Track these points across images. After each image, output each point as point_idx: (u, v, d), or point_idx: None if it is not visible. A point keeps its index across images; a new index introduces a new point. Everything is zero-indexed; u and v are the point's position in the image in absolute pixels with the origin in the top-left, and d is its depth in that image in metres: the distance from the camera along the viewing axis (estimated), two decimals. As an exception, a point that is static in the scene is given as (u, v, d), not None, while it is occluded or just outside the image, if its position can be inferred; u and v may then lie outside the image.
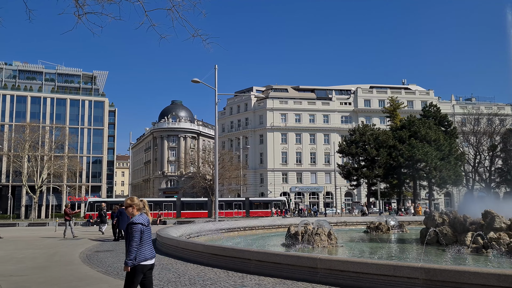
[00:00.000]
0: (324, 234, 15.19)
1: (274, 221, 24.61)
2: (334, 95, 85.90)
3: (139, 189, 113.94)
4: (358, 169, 56.74)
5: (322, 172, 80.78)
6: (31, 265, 11.72)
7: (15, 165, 64.96)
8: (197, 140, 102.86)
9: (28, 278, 9.56)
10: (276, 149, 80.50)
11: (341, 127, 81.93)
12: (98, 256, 13.21)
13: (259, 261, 9.32)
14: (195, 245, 11.86)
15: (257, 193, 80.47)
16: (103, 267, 10.81)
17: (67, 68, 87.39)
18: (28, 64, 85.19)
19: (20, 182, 67.10)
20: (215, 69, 27.72)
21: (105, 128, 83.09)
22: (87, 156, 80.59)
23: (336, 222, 24.94)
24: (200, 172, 71.17)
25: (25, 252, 15.01)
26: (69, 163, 68.38)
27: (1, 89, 78.42)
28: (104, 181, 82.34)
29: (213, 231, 18.37)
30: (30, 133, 64.37)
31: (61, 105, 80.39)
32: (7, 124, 74.21)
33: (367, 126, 58.85)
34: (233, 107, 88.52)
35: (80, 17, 6.82)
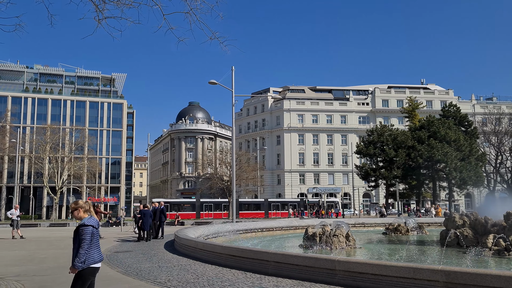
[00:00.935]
0: (342, 235, 15.10)
1: (292, 222, 24.55)
2: (351, 96, 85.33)
3: (157, 190, 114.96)
4: (376, 170, 56.20)
5: (340, 173, 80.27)
6: (52, 265, 11.93)
7: (36, 166, 66.20)
8: (214, 141, 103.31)
9: (50, 278, 9.74)
10: (293, 150, 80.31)
11: (358, 127, 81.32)
12: (118, 257, 13.37)
13: (277, 263, 9.31)
14: (213, 246, 11.92)
15: (274, 194, 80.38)
16: (122, 268, 10.93)
17: (87, 70, 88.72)
18: (49, 67, 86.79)
19: (42, 183, 68.35)
20: (232, 71, 27.83)
21: (123, 129, 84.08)
22: (106, 158, 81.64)
23: (354, 224, 24.77)
24: (217, 173, 71.46)
25: (47, 252, 15.29)
26: (89, 165, 69.40)
27: (23, 92, 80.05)
28: (123, 182, 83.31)
29: (231, 232, 18.42)
30: (51, 135, 65.51)
31: (80, 107, 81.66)
32: (28, 126, 75.70)
33: (385, 127, 58.26)
34: (250, 108, 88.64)
35: (100, 21, 6.94)
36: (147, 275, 9.62)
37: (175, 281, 8.78)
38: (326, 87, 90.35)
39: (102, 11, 6.87)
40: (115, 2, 6.87)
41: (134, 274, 9.91)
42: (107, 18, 6.97)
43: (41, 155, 65.07)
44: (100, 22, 6.96)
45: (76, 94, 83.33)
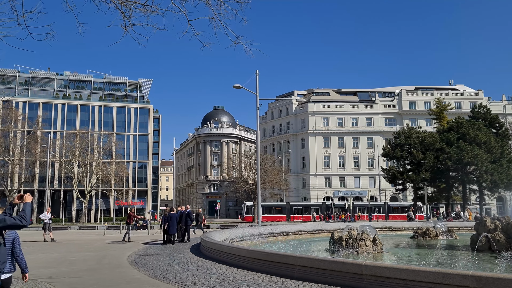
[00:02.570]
0: (369, 239, 14.90)
1: (317, 226, 24.38)
2: (377, 98, 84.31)
3: (183, 193, 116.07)
4: (404, 173, 55.30)
5: (366, 176, 79.31)
6: (82, 267, 12.20)
7: (66, 170, 67.85)
8: (239, 144, 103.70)
9: (80, 280, 9.96)
10: (319, 153, 79.82)
11: (385, 130, 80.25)
12: (145, 260, 13.56)
13: (303, 267, 9.27)
14: (238, 250, 11.95)
15: (299, 197, 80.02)
16: (150, 270, 11.09)
17: (114, 76, 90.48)
18: (78, 74, 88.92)
19: (71, 187, 69.98)
20: (256, 75, 27.89)
21: (150, 134, 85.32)
22: (133, 162, 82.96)
23: (381, 227, 24.41)
24: (242, 176, 71.64)
25: (77, 255, 15.64)
26: (116, 169, 70.64)
27: (53, 98, 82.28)
28: (149, 186, 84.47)
29: (256, 236, 18.43)
30: (80, 140, 67.02)
31: (108, 112, 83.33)
32: (59, 132, 77.69)
33: (413, 129, 57.32)
34: (275, 111, 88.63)
35: (126, 28, 7.08)
36: (174, 278, 9.73)
37: (201, 285, 8.84)
38: (351, 89, 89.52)
39: (128, 19, 7.01)
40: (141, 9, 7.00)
41: (161, 277, 10.03)
42: (133, 25, 7.10)
43: (71, 159, 66.66)
44: (127, 29, 7.10)
45: (104, 100, 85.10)
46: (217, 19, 7.06)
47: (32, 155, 67.78)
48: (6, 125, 64.72)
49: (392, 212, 65.22)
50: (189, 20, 7.08)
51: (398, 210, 66.32)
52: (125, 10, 6.96)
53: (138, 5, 6.99)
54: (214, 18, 7.06)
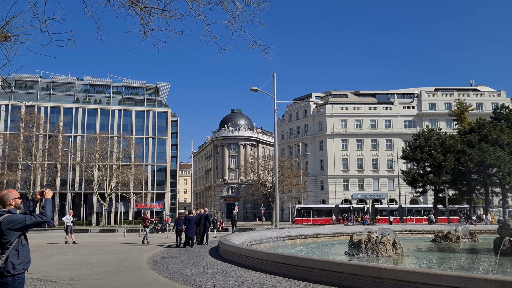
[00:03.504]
0: (389, 243, 14.72)
1: (336, 229, 24.22)
2: (396, 99, 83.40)
3: (201, 196, 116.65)
4: (424, 175, 54.48)
5: (385, 179, 78.45)
6: (103, 269, 12.35)
7: (86, 174, 68.92)
8: (257, 147, 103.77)
9: (101, 282, 10.09)
10: (337, 155, 79.31)
11: (404, 131, 79.30)
12: (164, 262, 13.65)
13: (321, 270, 9.21)
14: (256, 253, 11.94)
15: (317, 200, 79.60)
16: (169, 273, 11.16)
17: (133, 81, 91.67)
18: (98, 79, 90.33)
19: (91, 190, 71.00)
20: (274, 77, 27.90)
21: (168, 137, 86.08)
22: (151, 165, 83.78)
23: (401, 231, 24.11)
24: (260, 179, 71.63)
25: (98, 257, 15.84)
26: (135, 172, 71.44)
27: (74, 102, 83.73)
28: (168, 189, 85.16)
29: (274, 239, 18.39)
30: (100, 144, 67.99)
31: (127, 116, 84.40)
32: (79, 136, 78.99)
33: (433, 130, 56.47)
34: (292, 114, 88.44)
35: (145, 33, 7.16)
36: (193, 281, 9.77)
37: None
38: (369, 91, 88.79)
39: (147, 24, 7.10)
40: (159, 14, 7.08)
41: (180, 279, 10.09)
42: (152, 30, 7.19)
43: (91, 163, 67.69)
44: (145, 34, 7.19)
45: (123, 104, 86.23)
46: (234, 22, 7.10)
47: (54, 158, 69.08)
48: (28, 129, 66.14)
49: (413, 215, 64.44)
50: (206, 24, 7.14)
51: (419, 213, 65.46)
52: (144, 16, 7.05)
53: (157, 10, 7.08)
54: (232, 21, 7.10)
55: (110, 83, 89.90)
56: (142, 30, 7.16)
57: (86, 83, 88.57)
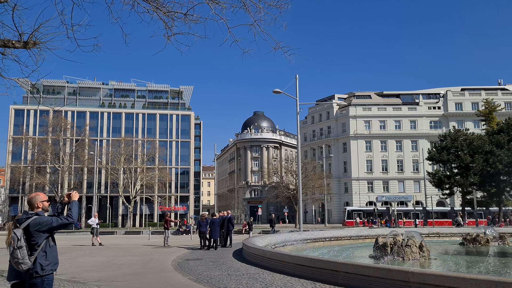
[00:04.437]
0: (415, 246, 14.45)
1: (361, 231, 23.93)
2: (421, 100, 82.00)
3: (224, 199, 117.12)
4: (451, 177, 53.38)
5: (411, 181, 77.17)
6: (129, 271, 12.51)
7: (112, 177, 70.10)
8: (280, 149, 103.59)
9: (127, 284, 10.22)
10: (361, 157, 78.46)
11: (430, 132, 77.88)
12: (189, 264, 13.74)
13: (347, 273, 9.11)
14: (281, 255, 11.90)
15: (341, 202, 78.88)
16: (193, 275, 11.22)
17: (156, 84, 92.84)
18: (122, 83, 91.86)
19: (117, 193, 72.16)
20: (296, 79, 27.84)
21: (191, 140, 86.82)
22: (175, 168, 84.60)
23: (428, 233, 23.65)
24: (283, 181, 71.42)
25: (123, 259, 16.07)
26: (159, 175, 72.24)
27: (99, 107, 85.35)
28: (192, 192, 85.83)
29: (298, 241, 18.30)
30: (125, 147, 69.07)
31: (151, 119, 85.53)
32: (105, 139, 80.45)
33: (460, 131, 55.33)
34: (315, 115, 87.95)
35: (169, 38, 7.25)
36: (217, 283, 9.80)
37: (244, 290, 8.87)
38: (393, 91, 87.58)
39: (171, 28, 7.18)
40: (183, 18, 7.15)
41: (204, 281, 10.13)
42: (175, 34, 7.27)
43: (116, 166, 68.80)
44: (169, 38, 7.27)
45: (147, 108, 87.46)
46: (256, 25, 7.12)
47: (80, 162, 70.55)
48: (56, 133, 67.74)
49: (440, 217, 63.23)
50: (229, 27, 7.17)
51: (446, 215, 64.18)
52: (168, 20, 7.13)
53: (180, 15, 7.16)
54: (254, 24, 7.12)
55: (135, 87, 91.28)
56: (165, 35, 7.26)
57: (111, 88, 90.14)
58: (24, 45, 7.10)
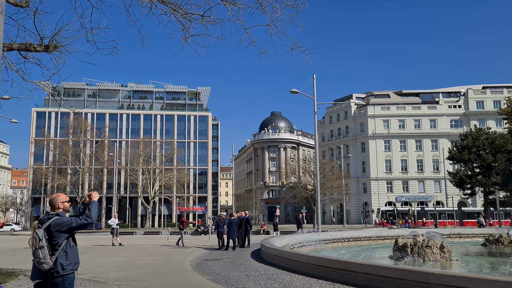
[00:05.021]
0: (436, 246, 14.23)
1: (380, 232, 23.68)
2: (441, 98, 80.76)
3: (242, 199, 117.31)
4: (472, 176, 52.39)
5: (431, 180, 76.07)
6: (148, 271, 12.63)
7: (131, 178, 70.88)
8: (297, 150, 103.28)
9: (146, 284, 10.32)
10: (379, 157, 77.67)
11: (450, 131, 76.66)
12: (207, 264, 13.80)
13: (366, 274, 9.02)
14: (299, 256, 11.86)
15: (360, 202, 78.21)
16: (212, 275, 11.27)
17: (174, 86, 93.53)
18: (141, 85, 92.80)
19: (136, 194, 72.94)
20: (313, 79, 27.71)
21: (209, 141, 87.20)
22: (193, 168, 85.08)
23: (449, 234, 23.27)
24: (301, 182, 71.17)
25: (143, 259, 16.23)
26: (178, 175, 72.76)
27: (118, 108, 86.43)
28: (210, 192, 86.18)
29: (316, 242, 18.20)
30: (143, 148, 69.80)
31: (169, 121, 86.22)
32: (124, 141, 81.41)
33: (481, 130, 54.27)
34: (333, 115, 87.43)
35: (186, 39, 7.30)
36: (236, 283, 9.81)
37: (263, 290, 8.86)
38: (412, 90, 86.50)
39: (188, 30, 7.23)
40: (200, 20, 7.18)
41: (223, 282, 10.16)
42: (192, 36, 7.32)
43: (135, 167, 69.55)
44: (186, 40, 7.32)
45: (165, 109, 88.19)
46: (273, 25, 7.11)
47: (100, 163, 71.54)
48: (76, 135, 68.84)
49: (461, 218, 62.05)
50: (246, 28, 7.18)
51: (468, 215, 62.91)
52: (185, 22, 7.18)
53: (197, 16, 7.19)
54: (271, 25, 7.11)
55: (153, 88, 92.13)
56: (183, 36, 7.31)
57: (130, 90, 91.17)
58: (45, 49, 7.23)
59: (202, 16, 7.17)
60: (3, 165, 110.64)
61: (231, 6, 6.96)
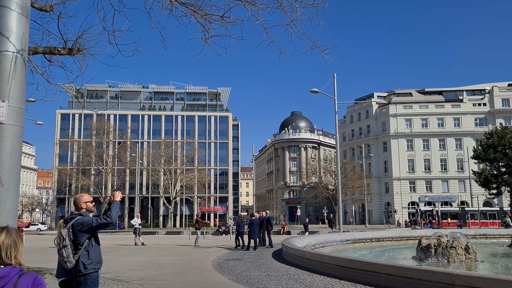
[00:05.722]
0: (461, 247, 13.95)
1: (403, 232, 23.36)
2: (465, 96, 79.19)
3: (263, 199, 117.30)
4: (498, 176, 51.15)
5: (455, 180, 74.65)
6: (170, 270, 12.75)
7: (153, 178, 71.64)
8: (318, 149, 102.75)
9: (168, 283, 10.42)
10: (402, 156, 76.61)
11: (474, 130, 75.09)
12: (228, 264, 13.85)
13: (389, 275, 8.91)
14: (321, 256, 11.79)
15: (382, 202, 77.33)
16: (233, 275, 11.30)
17: (194, 87, 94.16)
18: (162, 86, 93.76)
19: (158, 194, 73.72)
20: (334, 78, 27.51)
21: (229, 141, 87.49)
22: (214, 169, 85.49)
23: (474, 235, 22.79)
24: (322, 182, 70.78)
25: (165, 259, 16.39)
26: (199, 176, 73.23)
27: (140, 110, 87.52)
28: (230, 192, 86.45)
29: (338, 242, 18.08)
30: (165, 149, 70.49)
31: (190, 121, 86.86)
32: (145, 142, 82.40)
33: (507, 128, 52.96)
34: (354, 115, 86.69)
35: (206, 40, 7.33)
36: (257, 283, 9.82)
37: (284, 291, 8.84)
38: (435, 88, 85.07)
39: (208, 31, 7.26)
40: (219, 21, 7.21)
41: (244, 282, 10.18)
42: (213, 37, 7.34)
43: (157, 167, 70.27)
44: (206, 41, 7.36)
45: (185, 110, 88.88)
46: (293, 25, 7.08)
47: (123, 164, 72.54)
48: (100, 136, 69.98)
49: (487, 218, 60.67)
50: (265, 28, 7.17)
51: (494, 216, 61.46)
52: (205, 23, 7.21)
53: (217, 17, 7.22)
54: (291, 24, 7.09)
55: (173, 90, 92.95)
56: (203, 37, 7.34)
57: (151, 91, 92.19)
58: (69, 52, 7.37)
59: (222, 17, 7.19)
60: (29, 166, 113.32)
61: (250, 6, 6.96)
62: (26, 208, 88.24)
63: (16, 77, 4.10)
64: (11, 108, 4.01)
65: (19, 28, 4.16)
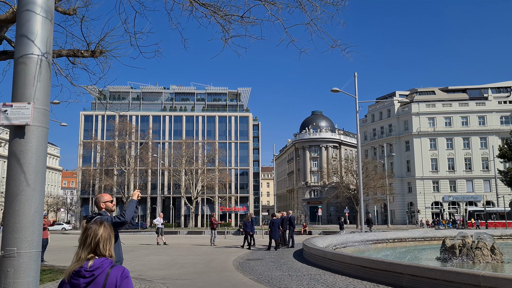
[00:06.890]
0: (487, 248, 13.65)
1: (426, 233, 23.00)
2: (490, 94, 77.46)
3: (284, 199, 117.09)
4: (525, 175, 49.90)
5: (480, 179, 73.09)
6: (192, 270, 12.85)
7: (174, 178, 72.29)
8: (339, 149, 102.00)
9: (190, 282, 10.50)
10: (425, 155, 75.40)
11: (500, 128, 73.36)
12: (249, 264, 13.87)
13: (412, 276, 8.78)
14: (342, 257, 11.71)
15: (404, 202, 76.26)
16: (254, 275, 11.31)
17: (215, 87, 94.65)
18: (182, 87, 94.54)
19: (179, 194, 74.36)
20: (355, 77, 27.29)
21: (250, 141, 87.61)
22: (235, 169, 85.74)
23: (501, 235, 22.28)
24: (343, 182, 70.22)
25: (186, 258, 16.52)
26: (220, 176, 73.55)
27: (161, 111, 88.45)
28: (251, 192, 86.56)
29: (360, 242, 17.93)
30: (186, 149, 71.06)
31: (210, 122, 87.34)
32: (167, 142, 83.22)
33: (534, 126, 51.66)
34: (375, 114, 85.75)
35: (226, 41, 7.35)
36: (278, 284, 9.80)
37: (305, 291, 8.80)
38: (459, 86, 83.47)
39: (228, 31, 7.28)
40: (239, 21, 7.22)
41: (265, 282, 10.18)
42: (232, 37, 7.36)
43: (178, 168, 70.88)
44: (226, 41, 7.38)
45: (206, 110, 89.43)
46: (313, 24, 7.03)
47: (145, 164, 73.43)
48: (122, 137, 70.99)
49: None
50: (285, 27, 7.15)
51: None
52: (225, 24, 7.23)
53: (237, 18, 7.23)
54: (311, 23, 7.04)
55: (194, 90, 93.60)
56: (223, 38, 7.37)
57: (172, 92, 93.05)
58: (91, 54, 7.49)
59: (242, 17, 7.20)
60: (54, 167, 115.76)
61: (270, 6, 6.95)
62: (51, 208, 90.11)
63: (41, 80, 4.19)
64: (37, 109, 4.09)
65: (43, 32, 4.25)
